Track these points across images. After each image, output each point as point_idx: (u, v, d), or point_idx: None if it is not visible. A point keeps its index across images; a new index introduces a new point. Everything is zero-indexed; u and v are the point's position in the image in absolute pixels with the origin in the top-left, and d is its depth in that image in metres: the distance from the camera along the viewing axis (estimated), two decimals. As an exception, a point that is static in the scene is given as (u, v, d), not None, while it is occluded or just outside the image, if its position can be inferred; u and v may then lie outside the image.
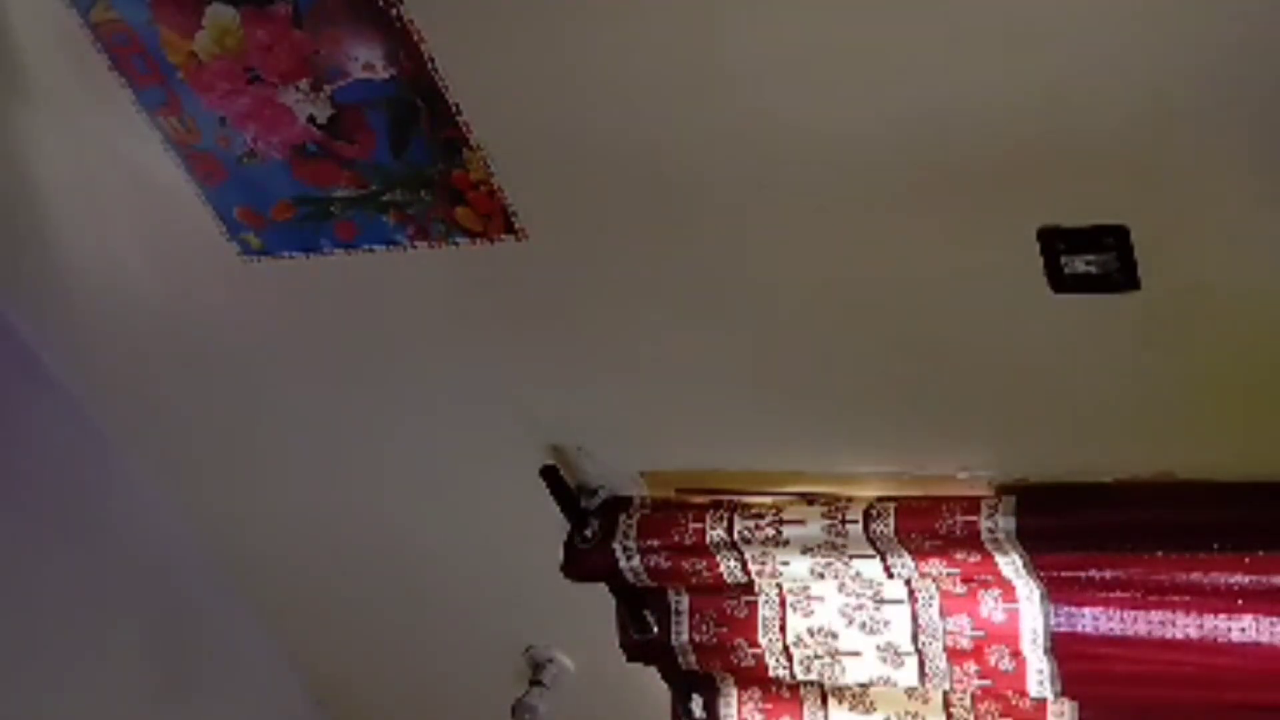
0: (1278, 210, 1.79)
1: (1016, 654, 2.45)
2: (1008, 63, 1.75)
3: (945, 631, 2.50)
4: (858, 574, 2.51)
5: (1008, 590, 2.43)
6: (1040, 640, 2.42)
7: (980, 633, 2.47)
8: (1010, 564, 2.35)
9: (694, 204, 2.13)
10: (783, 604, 2.65)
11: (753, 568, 2.57)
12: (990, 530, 2.31)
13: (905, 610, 2.54)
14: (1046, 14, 1.69)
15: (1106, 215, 1.88)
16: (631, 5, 1.89)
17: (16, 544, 2.98)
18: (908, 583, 2.51)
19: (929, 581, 2.48)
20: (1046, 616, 2.41)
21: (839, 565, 2.50)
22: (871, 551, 2.44)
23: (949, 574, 2.43)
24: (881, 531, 2.40)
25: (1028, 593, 2.41)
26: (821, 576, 2.54)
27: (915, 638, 2.53)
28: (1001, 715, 2.57)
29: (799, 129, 1.95)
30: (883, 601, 2.56)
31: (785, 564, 2.53)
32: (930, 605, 2.51)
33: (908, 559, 2.43)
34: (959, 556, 2.38)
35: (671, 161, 2.08)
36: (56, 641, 3.03)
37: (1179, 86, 1.70)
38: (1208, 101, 1.70)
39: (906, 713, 2.68)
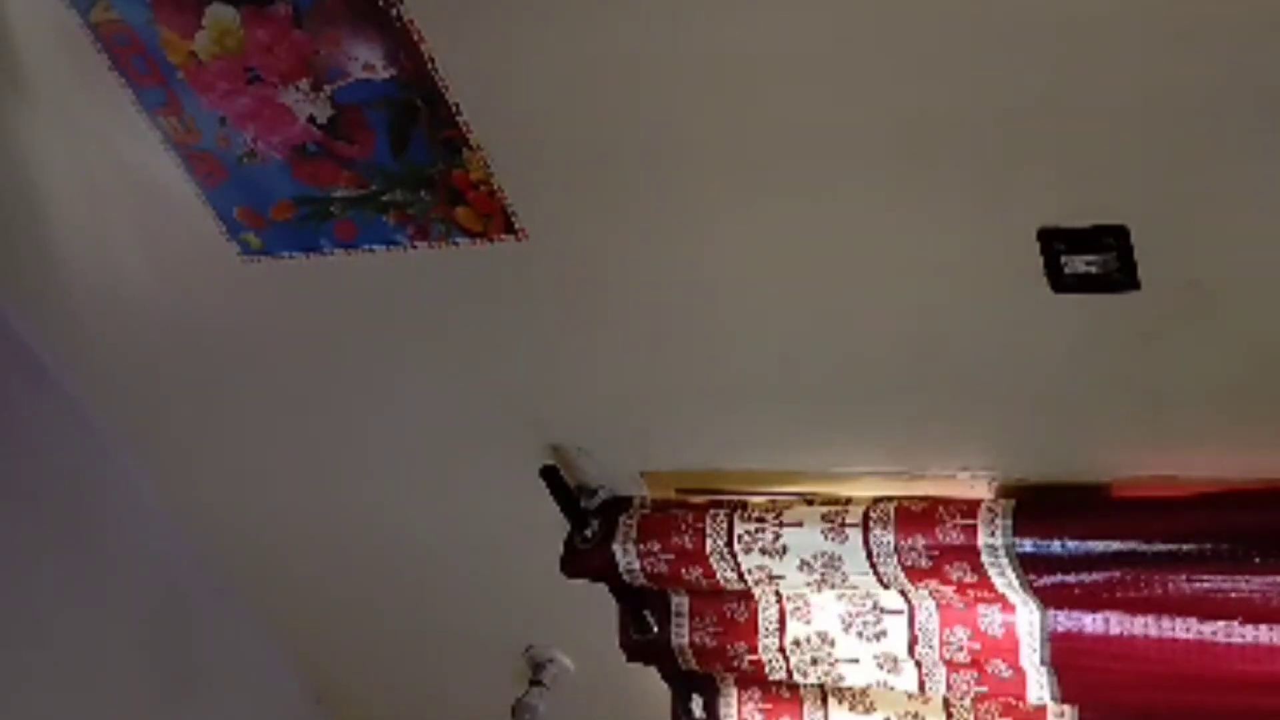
0: (1278, 209, 1.79)
1: (1015, 665, 2.44)
2: (1008, 62, 1.75)
3: (943, 643, 2.49)
4: (855, 587, 2.50)
5: (1006, 603, 2.41)
6: (1039, 651, 2.40)
7: (978, 645, 2.46)
8: (1007, 582, 2.34)
9: (694, 203, 2.13)
10: (782, 609, 2.65)
11: (749, 577, 2.56)
12: (989, 541, 2.30)
13: (903, 620, 2.53)
14: (1046, 13, 1.69)
15: (1106, 215, 1.88)
16: (633, 5, 1.89)
17: (16, 545, 2.97)
18: (904, 593, 2.50)
19: (926, 593, 2.47)
20: (1045, 627, 2.38)
21: (836, 578, 2.49)
22: (867, 568, 2.43)
23: (945, 587, 2.42)
24: (879, 539, 2.39)
25: (1026, 606, 2.39)
26: (819, 587, 2.53)
27: (913, 648, 2.52)
28: (1001, 715, 2.57)
29: (801, 130, 1.95)
30: (882, 611, 2.55)
31: (782, 576, 2.52)
32: (928, 617, 2.50)
33: (904, 577, 2.41)
34: (955, 576, 2.36)
35: (672, 161, 2.08)
36: (56, 642, 3.03)
37: (1180, 85, 1.70)
38: (1208, 100, 1.70)
39: (906, 713, 2.67)
